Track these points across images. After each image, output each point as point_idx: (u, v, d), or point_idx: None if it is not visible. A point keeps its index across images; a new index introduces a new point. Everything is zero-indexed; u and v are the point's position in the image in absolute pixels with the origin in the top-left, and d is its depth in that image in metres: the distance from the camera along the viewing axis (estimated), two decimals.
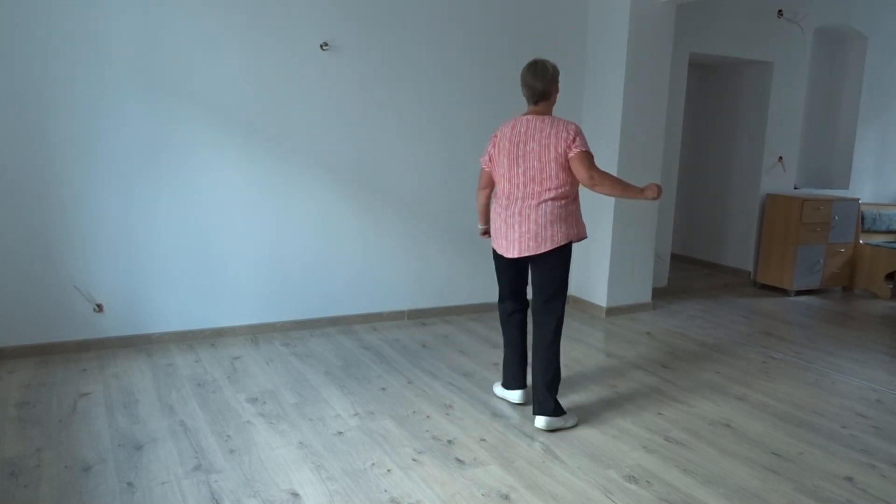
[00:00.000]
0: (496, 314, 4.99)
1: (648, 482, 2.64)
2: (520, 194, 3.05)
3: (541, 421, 3.08)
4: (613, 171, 4.92)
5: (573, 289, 5.41)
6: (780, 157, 6.28)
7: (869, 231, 6.41)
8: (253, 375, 3.63)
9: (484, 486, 2.57)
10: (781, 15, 5.96)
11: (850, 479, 2.74)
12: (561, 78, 5.04)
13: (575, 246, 5.34)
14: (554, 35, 4.99)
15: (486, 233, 3.38)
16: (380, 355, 4.03)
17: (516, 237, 3.06)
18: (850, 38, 6.61)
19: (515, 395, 3.37)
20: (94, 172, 3.77)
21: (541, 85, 3.04)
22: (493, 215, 3.19)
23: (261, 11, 4.02)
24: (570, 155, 2.98)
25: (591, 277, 5.19)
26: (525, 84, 3.08)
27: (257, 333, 4.32)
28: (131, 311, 3.99)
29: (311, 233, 4.39)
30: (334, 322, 4.55)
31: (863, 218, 6.38)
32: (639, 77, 4.86)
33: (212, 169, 4.05)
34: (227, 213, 4.13)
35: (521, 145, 3.04)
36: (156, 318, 4.05)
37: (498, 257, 3.23)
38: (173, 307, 4.08)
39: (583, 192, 3.09)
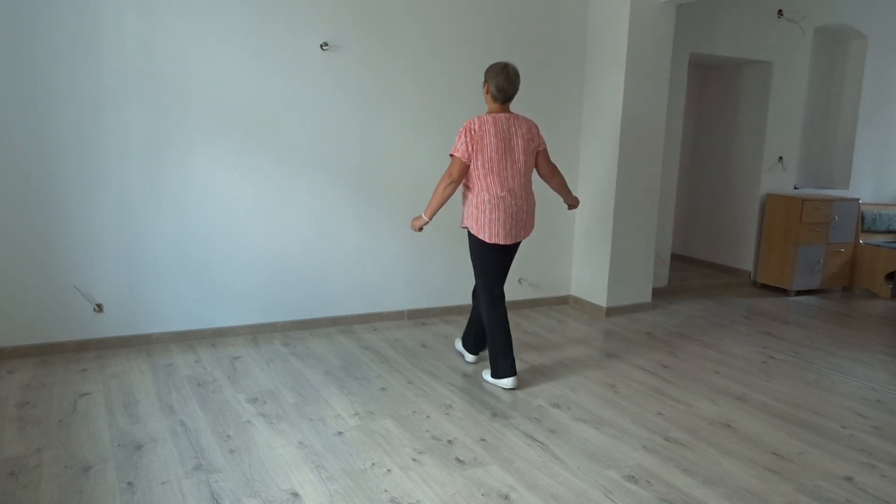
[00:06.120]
0: None
1: (648, 482, 2.64)
2: (516, 185, 3.46)
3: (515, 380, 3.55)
4: (614, 172, 4.92)
5: (574, 288, 5.41)
6: (780, 157, 6.29)
7: (869, 231, 6.41)
8: (253, 375, 3.63)
9: (484, 486, 2.57)
10: (781, 15, 5.97)
11: (850, 479, 2.74)
12: (561, 78, 5.15)
13: (575, 246, 5.43)
14: (554, 35, 4.99)
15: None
16: (380, 355, 4.03)
17: (514, 224, 3.48)
18: (850, 38, 6.61)
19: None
20: (93, 172, 3.77)
21: (514, 89, 3.45)
22: (486, 206, 3.43)
23: (261, 11, 4.02)
24: (540, 149, 3.54)
25: (591, 277, 5.19)
26: (500, 88, 3.42)
27: (257, 333, 4.32)
28: (131, 311, 3.99)
29: (311, 232, 4.39)
30: (334, 322, 4.55)
31: (863, 218, 6.38)
32: (639, 77, 4.86)
33: (211, 168, 4.05)
34: (227, 212, 4.13)
35: (507, 141, 3.43)
36: (156, 318, 4.05)
37: (492, 248, 3.53)
38: (173, 307, 4.08)
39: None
